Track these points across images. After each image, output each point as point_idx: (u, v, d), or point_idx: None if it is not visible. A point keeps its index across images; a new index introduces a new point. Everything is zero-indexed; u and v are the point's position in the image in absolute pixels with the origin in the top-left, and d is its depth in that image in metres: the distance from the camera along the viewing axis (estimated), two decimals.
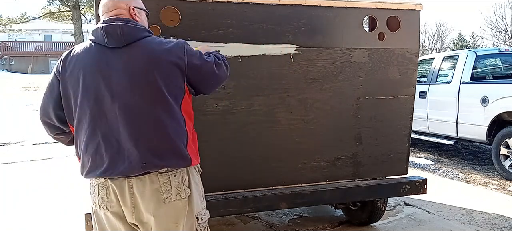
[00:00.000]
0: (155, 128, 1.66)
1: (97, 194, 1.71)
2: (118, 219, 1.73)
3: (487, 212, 4.10)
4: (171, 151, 1.69)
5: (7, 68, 39.55)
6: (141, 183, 1.67)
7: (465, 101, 6.10)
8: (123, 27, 1.68)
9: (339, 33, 2.81)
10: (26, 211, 4.12)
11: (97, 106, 1.66)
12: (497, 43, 29.08)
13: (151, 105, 1.66)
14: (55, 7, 26.09)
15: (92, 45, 1.72)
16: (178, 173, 1.73)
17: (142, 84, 1.66)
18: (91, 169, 1.69)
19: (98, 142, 1.67)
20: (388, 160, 3.08)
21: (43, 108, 1.81)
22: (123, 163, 1.64)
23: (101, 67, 1.67)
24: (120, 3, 1.76)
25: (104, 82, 1.65)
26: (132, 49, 1.68)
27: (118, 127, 1.65)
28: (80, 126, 1.71)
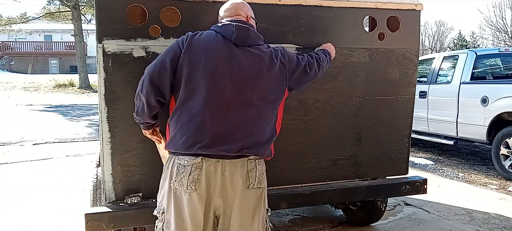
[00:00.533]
0: (256, 120, 1.91)
1: (188, 174, 1.83)
2: (200, 202, 1.85)
3: (487, 212, 4.10)
4: (262, 142, 1.93)
5: (7, 68, 39.57)
6: (233, 165, 1.86)
7: (465, 101, 6.11)
8: (251, 32, 1.97)
9: (339, 33, 2.81)
10: (26, 211, 4.12)
11: (211, 88, 1.85)
12: (497, 43, 29.10)
13: (257, 100, 1.91)
14: (55, 7, 26.09)
15: (219, 36, 1.93)
16: (261, 163, 1.97)
17: (254, 82, 1.90)
18: (190, 144, 1.83)
19: (204, 120, 1.83)
20: (388, 160, 3.08)
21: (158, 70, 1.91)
22: (224, 143, 1.83)
23: (223, 56, 1.89)
24: (240, 10, 2.06)
25: (223, 69, 1.87)
26: (251, 51, 1.94)
27: (227, 112, 1.85)
28: (187, 100, 1.87)
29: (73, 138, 8.75)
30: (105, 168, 2.42)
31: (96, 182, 3.24)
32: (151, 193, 2.50)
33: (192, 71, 1.86)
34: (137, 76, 2.38)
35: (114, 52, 2.35)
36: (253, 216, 1.92)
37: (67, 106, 15.15)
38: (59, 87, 22.36)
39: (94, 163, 3.90)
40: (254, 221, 1.93)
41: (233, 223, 1.90)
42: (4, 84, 22.92)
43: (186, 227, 1.85)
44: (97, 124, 9.51)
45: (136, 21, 2.53)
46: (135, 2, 2.35)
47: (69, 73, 33.33)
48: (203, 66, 1.86)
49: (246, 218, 1.90)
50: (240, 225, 1.90)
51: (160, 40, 2.41)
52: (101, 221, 2.34)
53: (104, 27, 2.32)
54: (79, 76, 22.59)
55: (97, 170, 3.50)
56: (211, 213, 1.89)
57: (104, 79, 2.35)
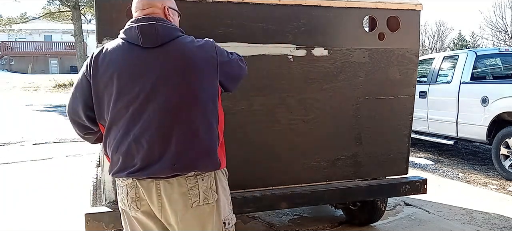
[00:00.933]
0: (187, 130, 1.65)
1: (126, 194, 1.70)
2: (149, 218, 1.72)
3: (487, 212, 4.10)
4: (202, 154, 1.67)
5: (7, 68, 39.56)
6: (169, 185, 1.66)
7: (465, 101, 6.10)
8: (158, 27, 1.66)
9: (339, 33, 2.81)
10: (26, 211, 4.12)
11: (132, 107, 1.64)
12: (497, 43, 29.09)
13: (186, 106, 1.65)
14: (55, 7, 26.08)
15: (125, 44, 1.69)
16: (206, 177, 1.70)
17: (178, 85, 1.64)
18: (121, 169, 1.67)
19: (130, 142, 1.64)
20: (388, 160, 3.08)
21: (72, 108, 1.77)
22: (154, 164, 1.62)
23: (135, 68, 1.65)
24: (155, 2, 1.74)
25: (139, 83, 1.63)
26: (167, 49, 1.67)
27: (152, 128, 1.63)
28: (113, 125, 1.68)
29: (73, 138, 8.74)
30: (105, 168, 2.41)
31: (96, 182, 3.24)
32: None
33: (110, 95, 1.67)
34: None
35: None
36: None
37: None
38: (59, 87, 22.36)
39: (94, 163, 3.90)
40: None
41: None
42: (4, 84, 22.92)
43: None
44: None
45: None
46: None
47: (69, 73, 33.32)
48: (117, 87, 1.64)
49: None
50: None
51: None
52: (101, 221, 2.34)
53: (104, 27, 2.32)
54: None
55: (97, 170, 3.51)
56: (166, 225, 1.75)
57: None
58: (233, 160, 2.71)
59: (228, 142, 2.67)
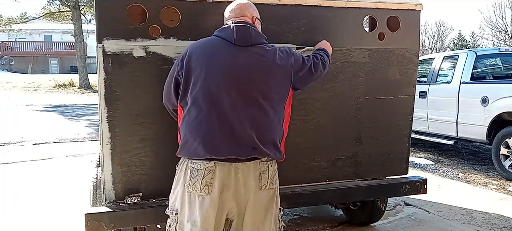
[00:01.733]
0: (264, 120, 1.91)
1: (202, 177, 1.86)
2: (212, 206, 1.87)
3: (487, 212, 4.10)
4: (272, 143, 1.94)
5: (7, 68, 39.57)
6: (246, 167, 1.89)
7: (465, 101, 6.11)
8: (251, 31, 1.97)
9: (339, 33, 2.81)
10: (26, 211, 4.12)
11: (217, 92, 1.87)
12: (497, 43, 29.09)
13: (263, 99, 1.91)
14: (55, 7, 26.08)
15: (219, 40, 1.98)
16: (274, 164, 2.00)
17: (258, 81, 1.91)
18: (200, 148, 1.85)
19: (212, 123, 1.86)
20: (388, 160, 3.08)
21: (167, 95, 2.08)
22: (236, 145, 1.85)
23: (226, 59, 1.91)
24: (246, 11, 2.07)
25: (227, 72, 1.89)
26: (254, 50, 1.95)
27: (234, 113, 1.86)
28: (194, 106, 1.89)
29: (73, 138, 8.75)
30: (105, 168, 2.42)
31: (96, 182, 3.24)
32: (151, 193, 2.51)
33: (197, 78, 1.90)
34: (137, 76, 2.40)
35: (114, 52, 2.35)
36: (266, 215, 1.97)
37: (67, 106, 15.15)
38: (59, 87, 22.36)
39: (94, 163, 3.90)
40: (266, 221, 1.97)
41: (246, 223, 1.94)
42: (4, 84, 22.92)
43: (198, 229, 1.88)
44: (97, 124, 9.51)
45: (136, 21, 2.53)
46: (135, 2, 2.35)
47: (69, 73, 33.34)
48: (206, 73, 1.89)
49: (258, 218, 1.95)
50: (253, 224, 1.95)
51: (160, 40, 2.41)
52: (101, 221, 2.34)
53: (104, 27, 2.32)
54: (79, 76, 22.59)
55: (97, 170, 3.51)
56: (223, 217, 1.93)
57: (104, 79, 2.35)
58: None
59: None
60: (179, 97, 1.99)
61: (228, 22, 2.04)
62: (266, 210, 1.97)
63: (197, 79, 1.90)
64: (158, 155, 2.48)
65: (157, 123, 2.45)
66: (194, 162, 1.88)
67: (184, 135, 1.92)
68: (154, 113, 2.44)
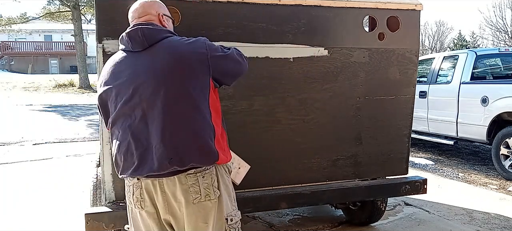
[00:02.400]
0: (180, 124, 1.70)
1: (132, 194, 1.80)
2: (151, 218, 1.80)
3: (487, 212, 4.10)
4: (197, 146, 1.71)
5: (7, 68, 39.57)
6: (171, 183, 1.73)
7: (465, 101, 6.10)
8: (143, 30, 1.76)
9: (339, 33, 2.81)
10: (26, 211, 4.12)
11: (126, 108, 1.74)
12: (497, 43, 29.09)
13: (176, 101, 1.71)
14: (55, 7, 26.06)
15: (119, 53, 1.84)
16: (206, 175, 1.75)
17: (167, 82, 1.71)
18: (124, 168, 1.77)
19: (128, 141, 1.74)
20: (388, 160, 3.08)
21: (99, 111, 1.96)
22: (152, 160, 1.70)
23: (129, 71, 1.75)
24: (150, 9, 1.85)
25: (132, 85, 1.73)
26: (155, 49, 1.75)
27: (146, 125, 1.71)
28: (114, 127, 1.80)
29: (73, 138, 8.75)
30: (105, 168, 2.42)
31: (96, 182, 3.24)
32: None
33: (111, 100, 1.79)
34: None
35: (114, 52, 2.34)
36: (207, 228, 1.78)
37: (67, 106, 15.14)
38: (59, 87, 22.35)
39: (94, 163, 3.90)
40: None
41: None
42: (4, 84, 22.92)
43: None
44: (97, 124, 9.51)
45: None
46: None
47: (69, 73, 33.33)
48: (115, 91, 1.77)
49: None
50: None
51: None
52: (101, 221, 2.34)
53: (104, 27, 2.32)
54: (79, 76, 22.58)
55: (97, 170, 3.51)
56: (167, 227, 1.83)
57: None
58: None
59: (228, 142, 2.68)
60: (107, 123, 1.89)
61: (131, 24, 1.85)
62: (207, 223, 1.77)
63: (111, 102, 1.79)
64: None
65: None
66: (126, 179, 1.83)
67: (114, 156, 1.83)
68: None
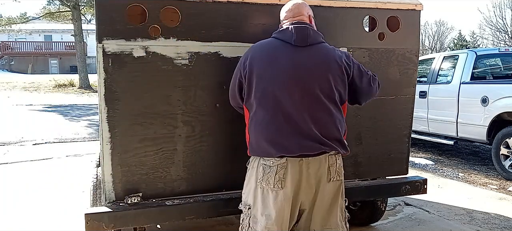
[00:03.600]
0: (328, 116, 1.99)
1: (274, 173, 1.95)
2: (286, 199, 1.98)
3: (487, 212, 4.10)
4: (337, 138, 2.03)
5: (7, 68, 39.57)
6: (316, 162, 1.99)
7: (465, 101, 6.10)
8: (310, 31, 2.05)
9: (339, 33, 2.80)
10: (26, 211, 4.12)
11: (281, 92, 1.95)
12: (497, 43, 29.09)
13: (325, 97, 1.99)
14: (55, 7, 26.06)
15: (278, 42, 2.05)
16: (340, 157, 2.09)
17: (319, 79, 1.98)
18: (272, 149, 1.94)
19: (280, 122, 1.94)
20: (388, 160, 3.08)
21: (232, 97, 2.21)
22: (305, 141, 1.93)
23: (287, 61, 1.98)
24: (303, 10, 2.14)
25: (288, 73, 1.97)
26: (313, 49, 2.03)
27: (299, 112, 1.95)
28: (260, 108, 1.99)
29: (73, 138, 8.75)
30: (105, 168, 2.41)
31: (96, 182, 3.24)
32: (151, 193, 2.51)
33: (260, 79, 1.99)
34: (137, 76, 2.39)
35: (114, 52, 2.35)
36: (333, 205, 2.09)
37: (67, 106, 15.14)
38: (59, 87, 22.35)
39: (94, 163, 3.90)
40: (334, 212, 2.09)
41: (315, 215, 2.07)
42: (4, 84, 22.91)
43: (272, 223, 1.97)
44: (97, 124, 9.51)
45: (136, 21, 2.53)
46: (135, 2, 2.35)
47: (69, 73, 33.31)
48: (268, 74, 1.98)
49: (326, 209, 2.07)
50: (322, 216, 2.07)
51: (160, 40, 2.41)
52: (101, 221, 2.34)
53: (104, 27, 2.32)
54: (79, 76, 22.58)
55: (97, 170, 3.50)
56: (296, 210, 2.05)
57: (104, 79, 2.35)
58: (233, 160, 2.71)
59: (228, 142, 2.68)
60: (243, 99, 2.10)
61: (285, 22, 2.11)
62: (334, 201, 2.08)
63: (260, 82, 1.99)
64: (158, 155, 2.48)
65: (157, 122, 2.45)
66: (266, 159, 1.98)
67: (255, 136, 2.02)
68: (154, 113, 2.44)
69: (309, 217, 2.10)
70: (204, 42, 2.47)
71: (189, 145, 2.54)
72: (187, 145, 2.53)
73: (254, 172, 2.04)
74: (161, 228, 3.45)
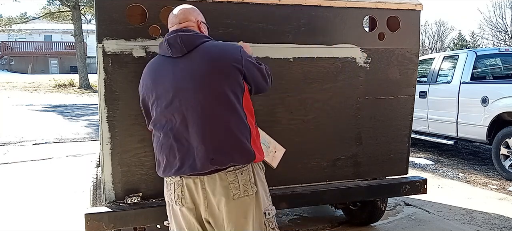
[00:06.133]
0: (219, 126, 1.82)
1: (173, 191, 1.90)
2: (191, 214, 1.90)
3: (487, 212, 4.10)
4: (236, 146, 1.83)
5: (7, 68, 39.57)
6: (212, 181, 1.84)
7: (465, 101, 6.10)
8: (182, 37, 1.87)
9: (339, 33, 2.81)
10: (26, 211, 4.12)
11: (167, 111, 1.85)
12: (497, 43, 29.08)
13: (214, 104, 1.82)
14: (55, 7, 26.05)
15: (160, 58, 1.94)
16: (244, 171, 1.87)
17: (205, 86, 1.82)
18: (166, 168, 1.89)
19: (171, 143, 1.85)
20: (388, 160, 3.08)
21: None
22: (194, 160, 1.81)
23: (169, 76, 1.86)
24: (190, 16, 1.97)
25: (172, 90, 1.84)
26: (193, 55, 1.86)
27: (187, 128, 1.82)
28: (155, 129, 1.92)
29: (73, 138, 8.75)
30: (105, 168, 2.42)
31: (96, 182, 3.24)
32: (151, 193, 2.51)
33: (152, 103, 1.92)
34: (137, 76, 2.39)
35: (114, 52, 2.35)
36: (246, 223, 1.89)
37: (67, 106, 15.14)
38: (59, 87, 22.35)
39: (94, 163, 3.90)
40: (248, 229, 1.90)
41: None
42: (4, 84, 22.92)
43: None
44: (97, 124, 9.51)
45: (136, 21, 2.53)
46: (135, 2, 2.35)
47: (69, 73, 33.33)
48: (155, 95, 1.89)
49: (240, 226, 1.88)
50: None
51: (160, 40, 2.40)
52: (101, 221, 2.34)
53: (104, 27, 2.32)
54: (79, 76, 22.59)
55: (97, 170, 3.51)
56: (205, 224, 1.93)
57: (104, 79, 2.35)
58: None
59: None
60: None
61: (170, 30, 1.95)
62: (246, 219, 1.89)
63: (152, 105, 1.92)
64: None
65: None
66: (166, 178, 1.94)
67: (155, 156, 1.97)
68: None
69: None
70: None
71: None
72: None
73: (165, 189, 1.99)
74: (161, 228, 3.45)
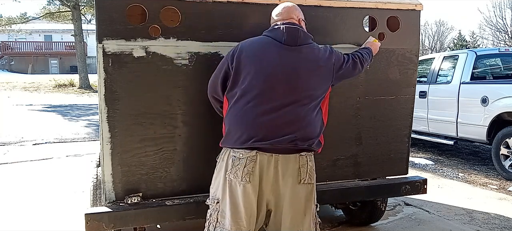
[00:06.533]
0: (306, 115, 2.02)
1: (243, 166, 1.95)
2: (254, 193, 1.98)
3: (487, 212, 4.10)
4: (315, 137, 2.06)
5: (7, 68, 39.58)
6: (286, 160, 1.99)
7: (465, 101, 6.10)
8: (300, 32, 2.11)
9: (339, 33, 2.81)
10: (26, 211, 4.12)
11: (265, 87, 1.99)
12: (497, 43, 29.08)
13: (307, 97, 2.03)
14: (55, 7, 26.05)
15: (269, 39, 2.10)
16: (312, 158, 2.09)
17: (304, 79, 2.03)
18: (245, 139, 1.95)
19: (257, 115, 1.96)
20: (388, 160, 3.08)
21: (213, 87, 2.21)
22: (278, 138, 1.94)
23: (275, 58, 2.03)
24: (292, 14, 2.20)
25: (274, 69, 2.01)
26: (301, 50, 2.09)
27: (278, 109, 1.97)
28: (242, 98, 2.01)
29: (73, 138, 8.75)
30: (105, 168, 2.42)
31: (96, 182, 3.24)
32: (151, 193, 2.51)
33: (247, 73, 2.02)
34: (137, 76, 2.40)
35: (114, 52, 2.35)
36: (305, 211, 2.05)
37: (67, 106, 15.14)
38: (59, 87, 22.35)
39: (94, 163, 3.90)
40: (306, 216, 2.06)
41: (285, 218, 2.03)
42: (4, 84, 22.91)
43: (240, 217, 1.97)
44: (97, 124, 9.51)
45: (136, 21, 2.53)
46: (135, 2, 2.35)
47: (69, 73, 33.32)
48: (256, 69, 2.01)
49: (297, 213, 2.03)
50: (292, 220, 2.03)
51: (160, 40, 2.41)
52: (101, 221, 2.34)
53: (104, 27, 2.32)
54: (79, 76, 22.59)
55: (97, 170, 3.51)
56: (264, 206, 2.03)
57: (104, 79, 2.35)
58: None
59: None
60: (226, 90, 2.10)
61: (277, 23, 2.15)
62: (305, 206, 2.05)
63: (247, 75, 2.02)
64: (158, 155, 2.48)
65: (157, 122, 2.46)
66: (236, 151, 1.98)
67: (229, 126, 2.04)
68: (154, 113, 2.44)
69: (278, 220, 2.06)
70: (204, 42, 2.48)
71: (189, 145, 2.54)
72: (187, 145, 2.53)
73: (223, 164, 2.03)
74: (161, 228, 3.45)
